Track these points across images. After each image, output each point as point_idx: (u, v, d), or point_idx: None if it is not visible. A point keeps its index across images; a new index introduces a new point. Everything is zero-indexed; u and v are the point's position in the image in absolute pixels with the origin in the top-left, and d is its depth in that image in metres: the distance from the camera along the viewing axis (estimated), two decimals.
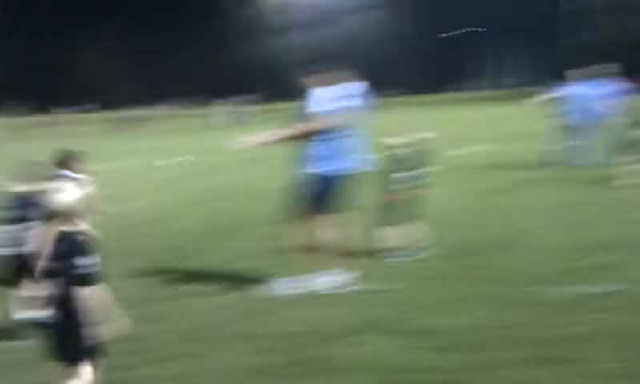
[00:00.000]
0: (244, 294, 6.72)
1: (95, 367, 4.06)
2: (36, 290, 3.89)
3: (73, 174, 6.89)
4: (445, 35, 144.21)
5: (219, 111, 47.59)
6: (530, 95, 17.76)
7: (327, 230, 6.66)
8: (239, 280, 7.10)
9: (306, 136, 6.48)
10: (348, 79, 6.71)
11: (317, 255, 6.67)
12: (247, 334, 5.66)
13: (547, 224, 9.03)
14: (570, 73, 14.82)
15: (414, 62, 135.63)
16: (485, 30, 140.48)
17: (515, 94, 42.01)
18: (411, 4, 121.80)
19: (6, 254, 5.67)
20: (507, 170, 14.54)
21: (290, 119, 6.73)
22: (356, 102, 6.66)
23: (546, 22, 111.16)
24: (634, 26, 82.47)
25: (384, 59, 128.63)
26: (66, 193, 3.97)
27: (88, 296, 3.83)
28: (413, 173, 7.73)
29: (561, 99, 14.61)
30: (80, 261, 3.80)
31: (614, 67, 14.77)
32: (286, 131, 6.64)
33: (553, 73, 15.21)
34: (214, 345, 5.51)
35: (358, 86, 6.73)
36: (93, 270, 3.86)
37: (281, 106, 32.20)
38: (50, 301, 3.86)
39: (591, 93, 14.26)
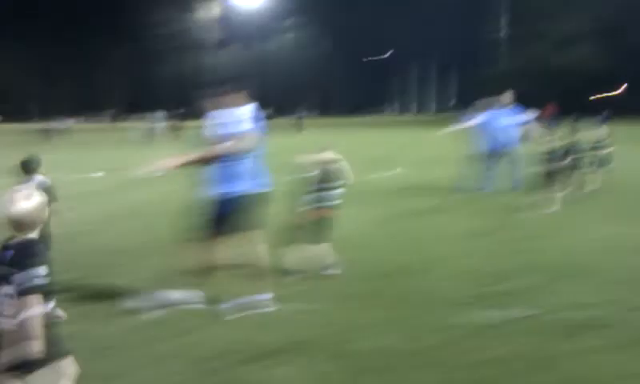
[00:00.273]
0: (153, 315, 6.43)
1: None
2: None
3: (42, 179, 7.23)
4: (369, 59, 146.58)
5: (135, 127, 46.91)
6: (448, 121, 18.09)
7: (229, 250, 6.60)
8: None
9: (210, 160, 6.36)
10: (248, 101, 6.66)
11: (222, 276, 6.60)
12: (156, 356, 5.43)
13: (459, 250, 9.06)
14: (482, 101, 15.10)
15: (336, 84, 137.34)
16: (409, 54, 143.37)
17: (434, 120, 42.89)
18: (336, 27, 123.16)
19: None
20: (421, 194, 14.65)
21: (193, 141, 6.61)
22: (253, 124, 6.59)
23: (469, 50, 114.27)
24: (545, 55, 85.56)
25: (306, 80, 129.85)
26: (26, 200, 3.80)
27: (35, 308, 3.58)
28: (323, 193, 7.62)
29: (473, 127, 14.85)
30: (33, 271, 3.60)
31: (525, 95, 15.21)
32: (191, 156, 6.48)
33: (471, 100, 15.59)
34: (124, 367, 5.26)
35: (254, 109, 6.68)
36: (45, 281, 3.64)
37: (193, 124, 31.74)
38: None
39: (501, 121, 14.54)
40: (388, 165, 21.40)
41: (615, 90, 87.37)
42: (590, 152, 14.48)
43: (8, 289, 3.60)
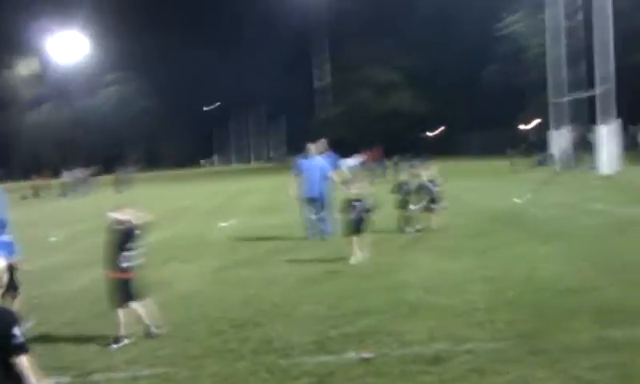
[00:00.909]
0: None
1: None
2: None
3: None
4: (200, 110, 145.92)
5: None
6: (280, 170, 18.34)
7: None
8: None
9: None
10: None
11: None
12: None
13: (294, 297, 9.09)
14: (308, 146, 15.34)
15: (164, 138, 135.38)
16: (238, 105, 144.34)
17: (266, 168, 43.26)
18: (161, 80, 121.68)
19: None
20: (255, 243, 14.69)
21: None
22: None
23: (297, 98, 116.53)
24: (367, 101, 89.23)
25: (132, 135, 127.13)
26: None
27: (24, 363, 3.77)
28: (125, 253, 7.38)
29: (301, 173, 15.04)
30: (16, 331, 3.76)
31: (349, 141, 15.67)
32: None
33: (301, 148, 15.85)
34: None
35: None
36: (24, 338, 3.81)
37: None
38: None
39: (316, 169, 14.83)
40: (222, 215, 21.28)
41: (433, 131, 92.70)
42: (423, 191, 15.04)
43: None
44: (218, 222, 19.52)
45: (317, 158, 14.98)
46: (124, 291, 7.34)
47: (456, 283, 9.24)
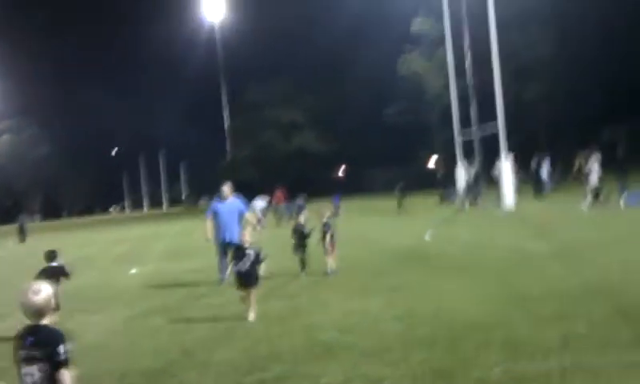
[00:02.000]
0: None
1: None
2: None
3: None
4: (113, 154, 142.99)
5: None
6: (197, 211, 18.13)
7: None
8: None
9: None
10: None
11: None
12: None
13: (212, 342, 8.97)
14: (222, 189, 15.18)
15: (61, 186, 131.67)
16: (136, 149, 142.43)
17: (168, 213, 42.64)
18: (56, 127, 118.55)
19: None
20: (164, 290, 14.46)
21: None
22: None
23: (197, 141, 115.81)
24: (271, 142, 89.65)
25: (27, 184, 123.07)
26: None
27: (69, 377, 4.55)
28: None
29: (216, 216, 14.86)
30: (62, 348, 4.54)
31: (255, 182, 15.63)
32: None
33: (203, 191, 15.57)
34: None
35: None
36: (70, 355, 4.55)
37: None
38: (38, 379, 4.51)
39: (224, 213, 14.70)
40: (132, 262, 20.82)
41: (337, 170, 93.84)
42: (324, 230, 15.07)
43: (32, 369, 4.51)
44: (127, 269, 19.08)
45: (231, 200, 14.86)
46: None
47: (368, 322, 9.32)
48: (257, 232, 15.55)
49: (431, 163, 67.70)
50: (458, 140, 39.97)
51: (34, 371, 4.51)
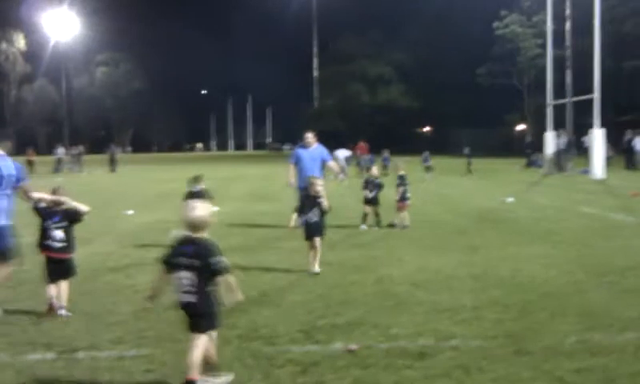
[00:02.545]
0: None
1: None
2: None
3: None
4: (203, 92, 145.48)
5: None
6: (279, 157, 18.33)
7: None
8: None
9: None
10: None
11: None
12: None
13: (287, 284, 9.12)
14: (305, 136, 15.19)
15: (152, 121, 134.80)
16: (225, 92, 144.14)
17: (265, 155, 43.12)
18: (151, 64, 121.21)
19: None
20: (248, 229, 14.73)
21: None
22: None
23: (284, 89, 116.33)
24: (357, 95, 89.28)
25: (121, 117, 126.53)
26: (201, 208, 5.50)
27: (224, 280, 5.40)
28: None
29: (299, 162, 14.91)
30: (217, 258, 5.33)
31: (339, 133, 15.61)
32: None
33: (288, 138, 15.67)
34: None
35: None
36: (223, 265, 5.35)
37: None
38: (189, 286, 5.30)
39: (307, 160, 14.70)
40: (216, 201, 21.22)
41: (422, 127, 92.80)
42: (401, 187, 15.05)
43: (190, 274, 5.26)
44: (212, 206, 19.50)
45: (315, 147, 14.88)
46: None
47: (442, 279, 9.29)
48: (338, 181, 15.59)
49: (522, 128, 66.26)
50: (549, 106, 38.89)
51: (191, 276, 5.27)
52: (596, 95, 31.96)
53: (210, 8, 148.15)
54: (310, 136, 14.99)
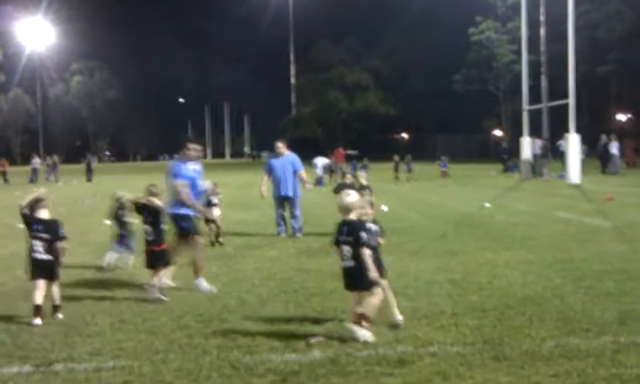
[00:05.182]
0: None
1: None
2: None
3: None
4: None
5: None
6: (258, 165, 18.34)
7: None
8: None
9: None
10: None
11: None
12: None
13: (266, 293, 9.11)
14: (277, 145, 15.27)
15: (127, 130, 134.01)
16: (202, 100, 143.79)
17: (243, 163, 42.98)
18: (126, 72, 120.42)
19: None
20: (227, 238, 14.66)
21: None
22: None
23: (262, 96, 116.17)
24: (336, 101, 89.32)
25: (96, 126, 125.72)
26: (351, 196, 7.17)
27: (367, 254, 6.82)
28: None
29: (272, 172, 14.97)
30: (363, 233, 6.83)
31: (317, 140, 15.65)
32: None
33: (265, 146, 15.75)
34: None
35: None
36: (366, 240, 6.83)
37: None
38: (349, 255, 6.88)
39: (281, 168, 14.77)
40: None
41: (398, 133, 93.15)
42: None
43: (347, 247, 6.88)
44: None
45: (285, 156, 14.97)
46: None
47: (421, 285, 9.31)
48: (307, 190, 15.60)
49: (500, 133, 66.85)
50: (525, 112, 39.23)
51: (348, 249, 6.87)
52: (571, 100, 32.27)
53: (186, 16, 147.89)
54: (280, 145, 15.08)
